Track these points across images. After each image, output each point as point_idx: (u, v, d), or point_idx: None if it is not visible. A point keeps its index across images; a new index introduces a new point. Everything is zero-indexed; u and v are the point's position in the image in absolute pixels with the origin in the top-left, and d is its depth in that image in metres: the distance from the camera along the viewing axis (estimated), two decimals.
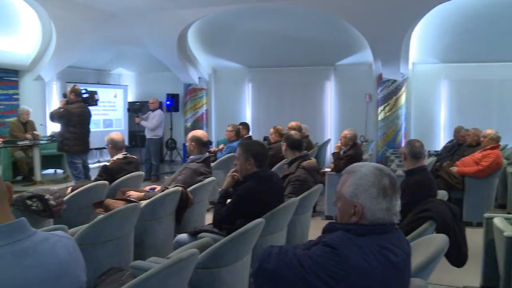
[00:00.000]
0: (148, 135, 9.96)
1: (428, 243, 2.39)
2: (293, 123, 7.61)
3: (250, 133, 8.45)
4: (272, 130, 7.94)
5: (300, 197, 3.95)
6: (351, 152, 6.51)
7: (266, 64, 11.49)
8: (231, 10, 9.37)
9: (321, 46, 10.24)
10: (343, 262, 1.62)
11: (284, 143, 4.69)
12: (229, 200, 3.49)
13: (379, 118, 10.32)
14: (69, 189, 4.75)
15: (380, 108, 10.27)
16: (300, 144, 4.71)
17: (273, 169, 5.37)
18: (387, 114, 10.18)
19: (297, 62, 11.07)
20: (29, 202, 3.63)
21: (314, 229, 4.39)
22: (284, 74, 11.51)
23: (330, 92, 11.31)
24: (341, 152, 6.68)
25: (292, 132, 5.10)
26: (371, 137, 10.48)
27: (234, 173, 3.65)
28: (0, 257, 1.38)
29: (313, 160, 4.75)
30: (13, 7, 8.82)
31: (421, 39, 9.50)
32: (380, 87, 10.25)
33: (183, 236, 3.72)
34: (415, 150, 3.87)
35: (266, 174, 3.55)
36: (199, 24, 10.25)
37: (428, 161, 6.11)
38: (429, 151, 9.18)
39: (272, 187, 3.55)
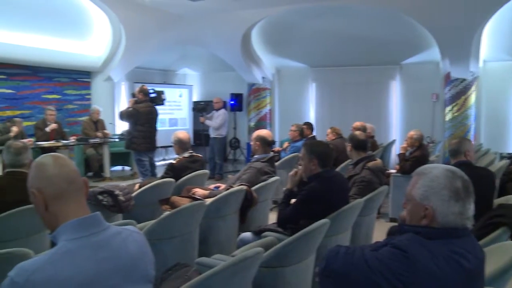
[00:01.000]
0: (212, 134, 10.10)
1: (502, 251, 2.28)
2: (357, 123, 7.50)
3: (314, 133, 8.39)
4: (329, 130, 7.87)
5: (365, 198, 3.88)
6: (417, 154, 6.34)
7: (330, 64, 11.37)
8: (294, 10, 9.35)
9: (386, 44, 10.02)
10: (412, 265, 1.58)
11: (349, 144, 4.61)
12: (293, 200, 3.48)
13: (447, 118, 9.96)
14: (137, 186, 4.88)
15: (448, 108, 9.90)
16: (365, 144, 4.63)
17: (337, 169, 5.30)
18: (455, 114, 9.81)
19: (361, 61, 10.88)
20: (100, 197, 3.77)
21: (378, 231, 4.32)
22: (348, 74, 11.34)
23: (395, 92, 11.05)
24: (407, 153, 6.52)
25: (357, 132, 5.01)
26: (438, 138, 10.14)
27: (296, 172, 3.62)
28: (76, 249, 1.44)
29: (378, 161, 4.66)
30: (86, 12, 9.23)
31: (493, 35, 9.05)
32: (448, 86, 9.89)
33: (247, 234, 3.75)
34: None
35: (330, 174, 3.51)
36: (262, 24, 10.29)
37: (500, 164, 5.84)
38: (501, 154, 8.79)
39: (336, 188, 3.51)
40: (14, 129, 7.72)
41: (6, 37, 8.42)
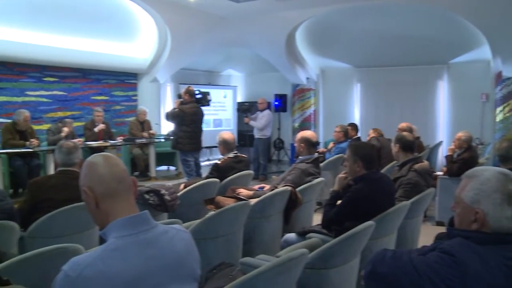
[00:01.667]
0: (257, 134, 10.14)
1: None
2: (403, 124, 7.36)
3: (359, 134, 8.29)
4: (371, 131, 7.78)
5: (411, 200, 3.81)
6: (465, 155, 6.18)
7: (375, 64, 11.23)
8: (339, 10, 9.27)
9: (433, 43, 9.78)
10: (462, 271, 1.54)
11: (397, 144, 4.53)
12: (339, 202, 3.46)
13: (497, 119, 9.64)
14: (182, 186, 4.94)
15: (499, 109, 9.58)
16: (413, 145, 4.54)
17: (382, 171, 5.22)
18: (507, 115, 9.48)
19: (407, 61, 10.68)
20: (146, 196, 3.85)
21: (424, 235, 4.24)
22: (393, 74, 11.15)
23: (443, 92, 10.79)
24: (455, 155, 6.36)
25: (405, 133, 4.92)
26: (487, 139, 9.84)
27: (345, 175, 3.61)
28: (125, 246, 1.48)
29: (425, 162, 4.56)
30: (133, 16, 9.46)
31: None
32: (499, 86, 9.57)
33: (291, 235, 3.75)
34: None
35: (376, 176, 3.48)
36: (307, 24, 10.26)
37: None
38: None
39: (382, 190, 3.47)
40: (65, 129, 7.96)
41: (58, 42, 8.75)
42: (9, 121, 7.80)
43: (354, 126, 8.32)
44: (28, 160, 7.53)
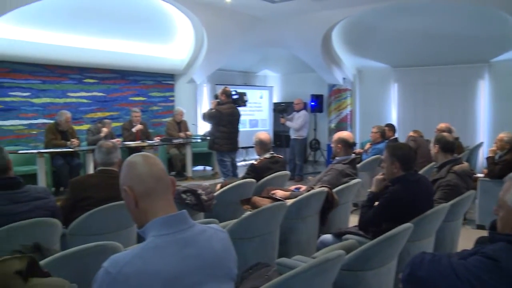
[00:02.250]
0: (293, 135, 10.12)
1: None
2: (442, 125, 7.22)
3: (396, 135, 8.18)
4: (411, 133, 7.67)
5: (450, 203, 3.73)
6: (508, 157, 6.01)
7: (413, 63, 11.04)
8: (376, 9, 9.18)
9: (474, 41, 9.53)
10: (504, 276, 1.50)
11: (436, 145, 4.44)
12: (376, 203, 3.42)
13: None
14: (218, 186, 4.97)
15: None
16: (454, 146, 4.44)
17: (420, 172, 5.14)
18: None
19: (446, 60, 10.46)
20: (184, 195, 3.89)
21: (464, 239, 4.15)
22: (431, 73, 10.94)
23: (484, 91, 10.51)
24: (496, 157, 6.20)
25: (445, 133, 4.83)
26: None
27: (382, 176, 3.56)
28: (164, 245, 1.50)
29: (465, 164, 4.46)
30: (170, 18, 9.60)
31: None
32: None
33: (328, 236, 3.73)
34: None
35: (415, 177, 3.42)
36: (343, 24, 10.19)
37: None
38: None
39: (420, 191, 3.41)
40: (104, 129, 8.13)
41: (98, 44, 8.97)
42: (51, 121, 8.03)
43: (391, 126, 8.21)
44: (69, 159, 7.73)
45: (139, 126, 8.95)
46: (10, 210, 2.94)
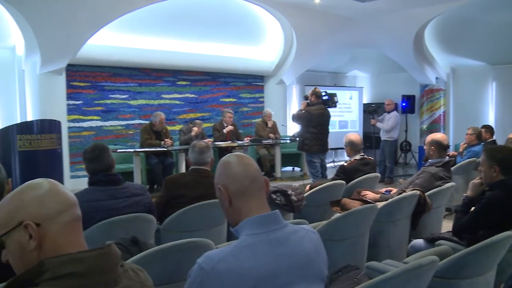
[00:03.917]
0: (383, 136, 9.91)
1: None
2: None
3: (494, 137, 7.76)
4: (511, 135, 7.21)
5: None
6: None
7: None
8: (472, 3, 8.73)
9: None
10: None
11: None
12: (472, 209, 3.28)
13: None
14: (308, 187, 4.97)
15: None
16: None
17: None
18: None
19: None
20: (274, 196, 3.94)
21: None
22: None
23: None
24: None
25: None
26: None
27: (479, 180, 3.41)
28: (256, 244, 1.53)
29: None
30: (260, 20, 9.77)
31: None
32: None
33: (419, 241, 3.62)
34: None
35: None
36: (436, 21, 9.81)
37: None
38: None
39: None
40: (195, 129, 8.40)
41: (190, 47, 9.32)
42: (147, 122, 8.42)
43: (489, 128, 7.79)
44: (162, 158, 8.06)
45: (230, 127, 9.16)
46: (111, 205, 3.12)
